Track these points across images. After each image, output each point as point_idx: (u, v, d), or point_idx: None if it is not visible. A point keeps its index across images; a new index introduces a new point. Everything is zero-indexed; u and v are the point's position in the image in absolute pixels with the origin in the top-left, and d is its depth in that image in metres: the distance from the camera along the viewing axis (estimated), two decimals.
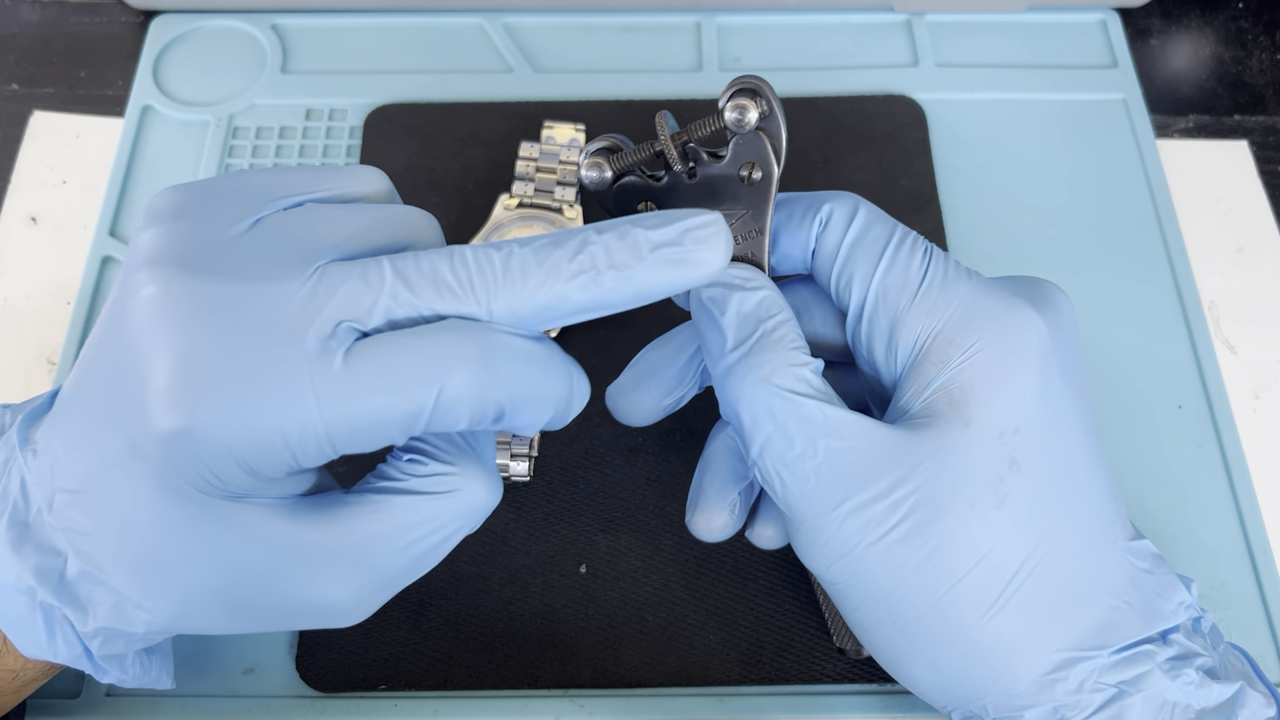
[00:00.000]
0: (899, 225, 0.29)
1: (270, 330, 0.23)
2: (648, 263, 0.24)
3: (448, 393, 0.23)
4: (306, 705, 0.34)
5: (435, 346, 0.23)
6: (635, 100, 0.45)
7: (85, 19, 0.49)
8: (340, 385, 0.23)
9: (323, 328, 0.23)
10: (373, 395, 0.23)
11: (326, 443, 0.23)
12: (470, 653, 0.34)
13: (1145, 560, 0.28)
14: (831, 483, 0.26)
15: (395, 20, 0.48)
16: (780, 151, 0.28)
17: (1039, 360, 0.27)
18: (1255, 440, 0.39)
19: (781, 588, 0.35)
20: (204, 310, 0.23)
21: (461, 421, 0.24)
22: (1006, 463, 0.26)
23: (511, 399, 0.24)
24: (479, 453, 0.26)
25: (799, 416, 0.26)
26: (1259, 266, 0.43)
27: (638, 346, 0.39)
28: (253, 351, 0.23)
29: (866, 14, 0.48)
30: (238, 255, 0.24)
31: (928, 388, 0.27)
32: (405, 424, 0.23)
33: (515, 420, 0.25)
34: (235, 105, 0.45)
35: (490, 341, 0.24)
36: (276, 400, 0.22)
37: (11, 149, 0.46)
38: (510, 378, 0.24)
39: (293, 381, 0.23)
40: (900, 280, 0.28)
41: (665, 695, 0.34)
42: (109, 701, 0.34)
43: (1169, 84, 0.48)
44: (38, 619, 0.25)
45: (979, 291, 0.27)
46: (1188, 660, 0.26)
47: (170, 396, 0.22)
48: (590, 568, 0.36)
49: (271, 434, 0.23)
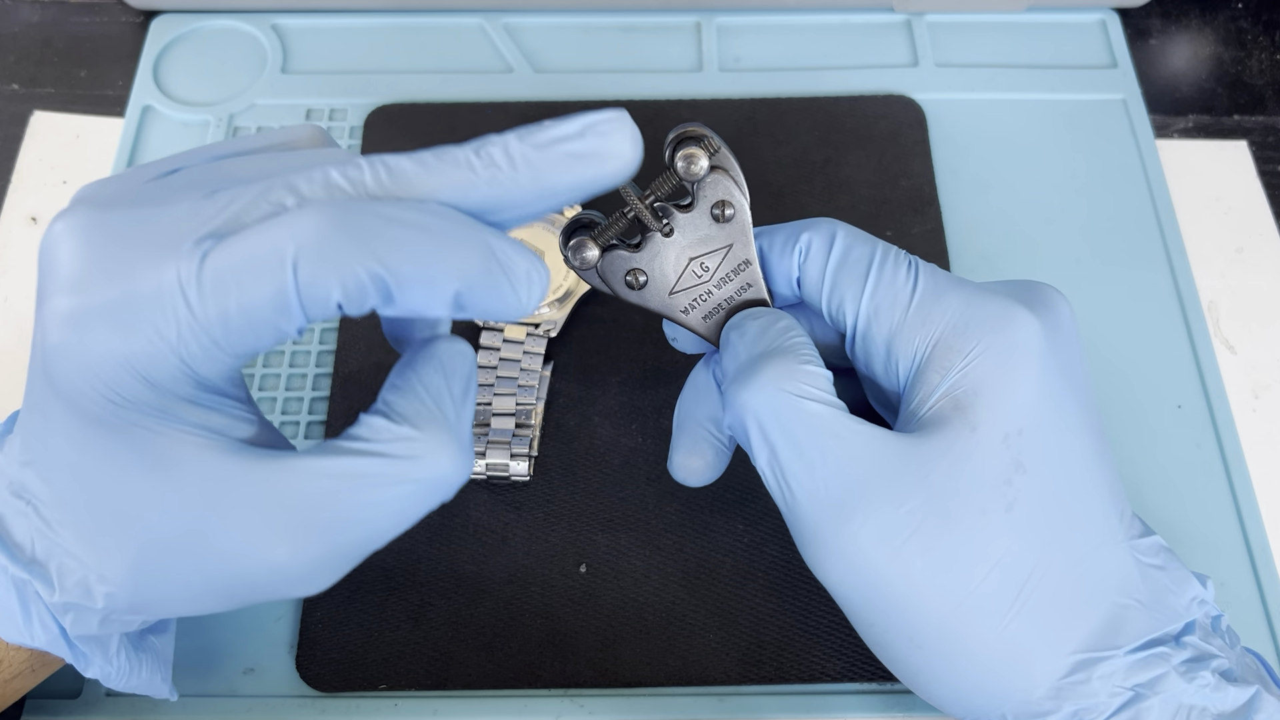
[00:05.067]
0: (880, 243, 0.29)
1: (153, 242, 0.23)
2: (550, 157, 0.23)
3: (305, 261, 0.22)
4: (306, 705, 0.34)
5: (290, 219, 0.22)
6: (635, 100, 0.45)
7: (85, 19, 0.49)
8: (206, 275, 0.22)
9: (200, 232, 0.23)
10: (233, 276, 0.22)
11: (206, 338, 0.23)
12: (470, 653, 0.34)
13: (1156, 556, 0.27)
14: (842, 494, 0.26)
15: (395, 20, 0.48)
16: (741, 183, 0.28)
17: (1037, 361, 0.27)
18: (1255, 440, 0.39)
19: (781, 588, 0.35)
20: (97, 231, 0.23)
21: (334, 296, 0.22)
22: (1013, 466, 0.26)
23: (391, 270, 0.22)
24: (450, 421, 0.25)
25: (808, 425, 0.26)
26: (1259, 266, 0.43)
27: (638, 345, 0.39)
28: (133, 259, 0.23)
29: (866, 14, 0.48)
30: (145, 192, 0.24)
31: (933, 394, 0.27)
32: (276, 305, 0.22)
33: (410, 297, 0.23)
34: (235, 105, 0.45)
35: (349, 208, 0.22)
36: (148, 297, 0.22)
37: (12, 149, 0.46)
38: (380, 242, 0.22)
39: (162, 277, 0.22)
40: (890, 297, 0.28)
41: (665, 695, 0.34)
42: (109, 701, 0.34)
43: (1168, 84, 0.48)
44: (13, 598, 0.25)
45: (972, 297, 0.27)
46: (1204, 662, 0.26)
47: (57, 310, 0.23)
48: (590, 568, 0.36)
49: (150, 333, 0.23)
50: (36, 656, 0.28)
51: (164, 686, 0.29)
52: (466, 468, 0.25)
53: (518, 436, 0.36)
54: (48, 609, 0.25)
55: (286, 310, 0.22)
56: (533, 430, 0.37)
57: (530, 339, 0.38)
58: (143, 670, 0.28)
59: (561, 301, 0.39)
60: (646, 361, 0.39)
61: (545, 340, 0.38)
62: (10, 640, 0.26)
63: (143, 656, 0.28)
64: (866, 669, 0.34)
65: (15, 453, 0.26)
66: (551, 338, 0.38)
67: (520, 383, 0.37)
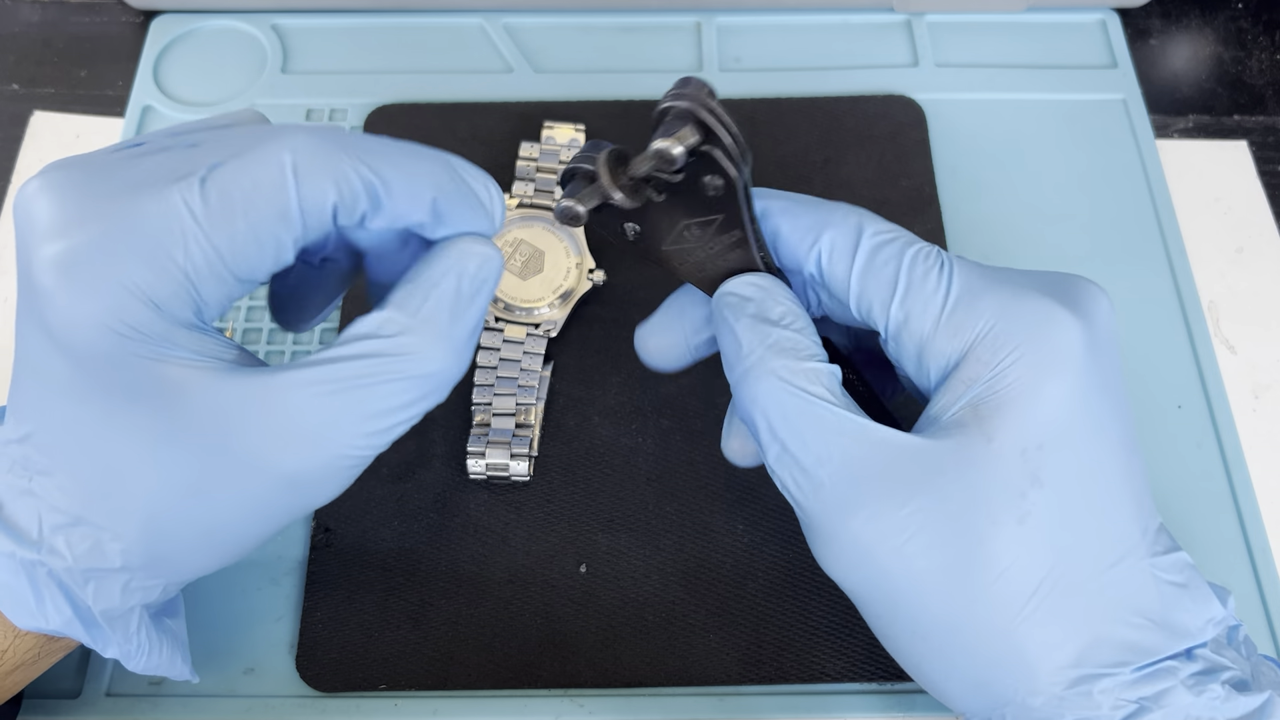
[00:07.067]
0: (908, 242, 0.28)
1: (144, 180, 0.24)
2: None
3: (303, 166, 0.24)
4: (306, 705, 0.34)
5: (283, 136, 0.25)
6: (635, 100, 0.45)
7: (85, 19, 0.49)
8: (210, 189, 0.24)
9: (194, 169, 0.24)
10: (236, 186, 0.24)
11: (212, 250, 0.24)
12: (470, 652, 0.34)
13: (1178, 574, 0.27)
14: (847, 489, 0.26)
15: (395, 20, 0.48)
16: (735, 156, 0.26)
17: (1071, 373, 0.26)
18: (1255, 440, 0.39)
19: (781, 588, 0.35)
20: (79, 182, 0.24)
21: (329, 198, 0.24)
22: (1029, 479, 0.26)
23: (379, 175, 0.25)
24: (442, 319, 0.26)
25: (814, 419, 0.26)
26: (1259, 266, 0.43)
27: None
28: (127, 195, 0.24)
29: (866, 14, 0.48)
30: (118, 156, 0.25)
31: (956, 402, 0.26)
32: (277, 210, 0.24)
33: (396, 201, 0.25)
34: (235, 105, 0.45)
35: (334, 131, 0.25)
36: (152, 218, 0.24)
37: (12, 149, 0.46)
38: (366, 153, 0.25)
39: (165, 200, 0.24)
40: (920, 305, 0.27)
41: (665, 695, 0.34)
42: (109, 701, 0.34)
43: (1168, 84, 0.48)
44: (22, 581, 0.25)
45: (1009, 302, 0.27)
46: (1213, 674, 0.26)
47: (48, 255, 0.24)
48: (590, 568, 0.36)
49: (155, 252, 0.23)
50: (42, 644, 0.27)
51: (185, 667, 0.29)
52: (459, 365, 0.26)
53: (518, 436, 0.36)
54: (61, 589, 0.25)
55: (287, 215, 0.24)
56: (533, 430, 0.37)
57: (530, 339, 0.38)
58: (163, 649, 0.28)
59: (562, 301, 0.39)
60: None
61: (545, 340, 0.38)
62: (23, 625, 0.26)
63: (163, 636, 0.28)
64: (866, 669, 0.34)
65: (8, 430, 0.26)
66: (551, 338, 0.38)
67: (520, 383, 0.37)
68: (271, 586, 0.36)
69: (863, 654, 0.34)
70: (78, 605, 0.25)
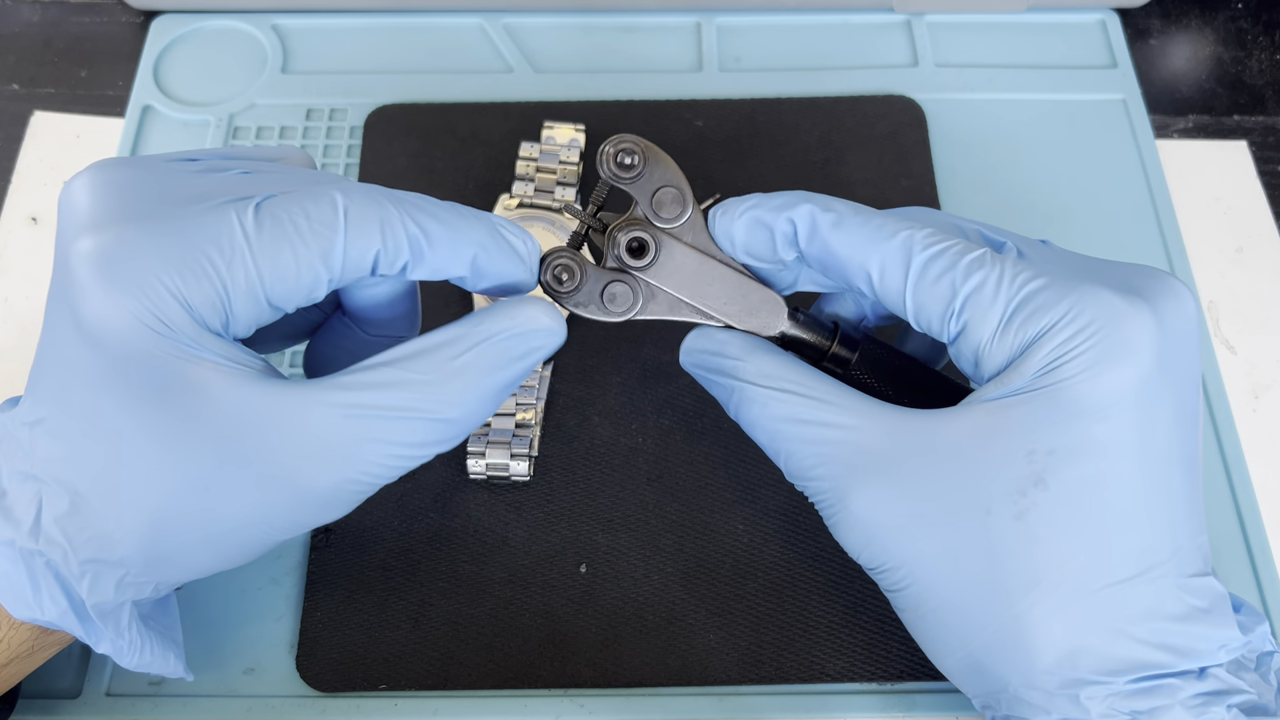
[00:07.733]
0: (962, 253, 0.27)
1: (199, 194, 0.25)
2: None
3: (354, 210, 0.25)
4: (306, 705, 0.34)
5: (339, 185, 0.26)
6: (635, 100, 0.45)
7: (85, 19, 0.49)
8: (264, 212, 0.25)
9: (253, 192, 0.25)
10: (287, 214, 0.25)
11: (253, 268, 0.25)
12: (470, 653, 0.34)
13: (1204, 599, 0.26)
14: (847, 476, 0.27)
15: (395, 20, 0.48)
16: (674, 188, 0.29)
17: (1121, 386, 0.25)
18: (1255, 440, 0.39)
19: (781, 588, 0.35)
20: (131, 182, 0.25)
21: (374, 244, 0.25)
22: (1031, 480, 0.26)
23: (424, 230, 0.26)
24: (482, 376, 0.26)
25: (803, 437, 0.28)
26: (1258, 266, 0.43)
27: (638, 346, 0.39)
28: (179, 202, 0.25)
29: (866, 14, 0.48)
30: (172, 166, 0.27)
31: (984, 396, 0.27)
32: (323, 244, 0.25)
33: (437, 254, 0.26)
34: (236, 105, 0.45)
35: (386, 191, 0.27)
36: (202, 226, 0.25)
37: (12, 149, 0.46)
38: (410, 203, 0.26)
39: (218, 213, 0.25)
40: (979, 319, 0.27)
41: (665, 695, 0.34)
42: (109, 701, 0.34)
43: (1168, 84, 0.48)
44: (20, 571, 0.25)
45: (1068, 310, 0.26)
46: (1222, 696, 0.25)
47: (90, 247, 0.24)
48: (590, 568, 0.36)
49: (198, 257, 0.24)
50: (37, 637, 0.27)
51: (179, 665, 0.29)
52: (479, 419, 0.27)
53: (518, 436, 0.36)
54: (58, 581, 0.25)
55: (331, 253, 0.25)
56: (533, 430, 0.37)
57: None
58: (154, 645, 0.28)
59: None
60: (646, 361, 0.39)
61: None
62: (19, 615, 0.26)
63: (152, 634, 0.28)
64: (866, 669, 0.34)
65: (21, 414, 0.26)
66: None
67: (520, 383, 0.37)
68: (271, 586, 0.36)
69: (863, 654, 0.34)
70: (73, 598, 0.25)
